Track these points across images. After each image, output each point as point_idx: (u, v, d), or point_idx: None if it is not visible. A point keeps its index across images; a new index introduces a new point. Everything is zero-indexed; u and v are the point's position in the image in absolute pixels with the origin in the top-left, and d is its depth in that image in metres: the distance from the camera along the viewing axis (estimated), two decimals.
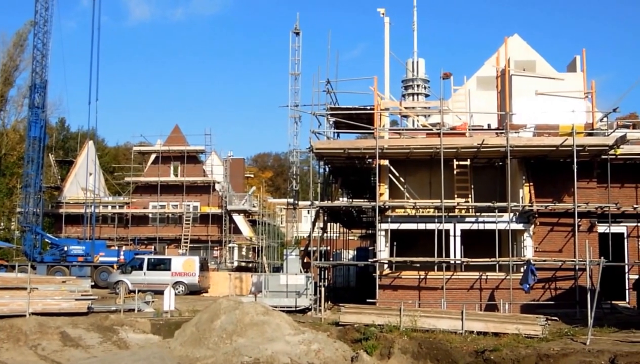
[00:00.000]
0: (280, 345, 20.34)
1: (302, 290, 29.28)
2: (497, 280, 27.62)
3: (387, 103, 32.36)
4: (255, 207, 57.99)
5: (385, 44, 32.79)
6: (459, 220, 28.76)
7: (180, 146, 56.51)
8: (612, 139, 27.19)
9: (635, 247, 29.27)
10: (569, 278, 27.60)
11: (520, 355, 19.15)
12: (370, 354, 20.92)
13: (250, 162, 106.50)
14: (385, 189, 29.83)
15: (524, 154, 28.34)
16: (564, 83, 31.38)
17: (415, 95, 63.62)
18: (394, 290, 28.18)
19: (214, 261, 52.43)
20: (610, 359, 17.89)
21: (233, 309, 21.86)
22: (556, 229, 28.32)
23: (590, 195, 28.31)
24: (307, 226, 40.81)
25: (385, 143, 28.24)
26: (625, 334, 21.24)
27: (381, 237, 28.81)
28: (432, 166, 29.34)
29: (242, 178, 70.53)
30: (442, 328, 22.27)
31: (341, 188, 39.18)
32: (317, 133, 30.79)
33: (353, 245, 50.71)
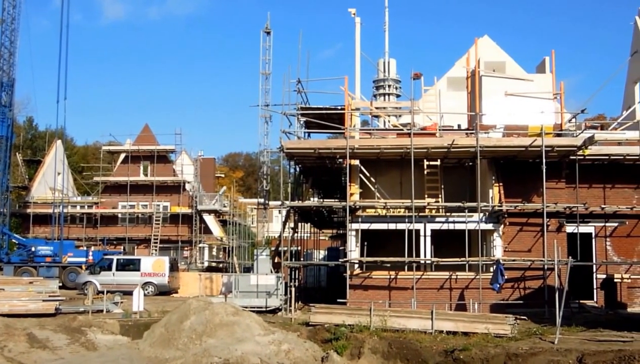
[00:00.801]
0: (250, 346, 20.19)
1: (273, 290, 29.18)
2: (467, 279, 27.75)
3: (358, 103, 32.40)
4: (225, 207, 57.76)
5: (356, 44, 32.87)
6: (429, 220, 28.86)
7: (150, 145, 56.06)
8: (581, 140, 27.47)
9: (603, 247, 29.59)
10: (537, 277, 27.82)
11: (489, 354, 19.24)
12: (341, 354, 20.84)
13: (221, 161, 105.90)
14: (356, 189, 29.83)
15: (493, 154, 28.52)
16: (533, 84, 31.65)
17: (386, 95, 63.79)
18: (364, 289, 28.19)
19: (184, 261, 52.20)
20: (577, 358, 18.03)
21: (203, 310, 21.69)
22: (525, 229, 28.54)
23: (559, 195, 28.57)
24: (278, 227, 40.69)
25: (356, 143, 28.24)
26: (593, 333, 21.44)
27: (352, 237, 28.79)
28: (402, 166, 29.42)
29: (212, 178, 70.16)
30: (412, 328, 22.30)
31: (312, 188, 39.15)
32: (287, 133, 30.74)
33: (324, 245, 50.69)
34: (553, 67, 32.07)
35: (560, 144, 27.65)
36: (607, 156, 28.84)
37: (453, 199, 29.03)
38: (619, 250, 29.48)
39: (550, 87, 31.39)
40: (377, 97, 63.76)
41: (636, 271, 28.38)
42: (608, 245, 29.64)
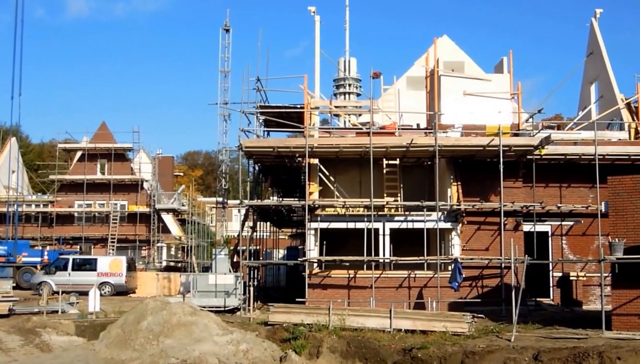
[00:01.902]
0: (208, 346, 20.08)
1: (231, 289, 28.99)
2: (426, 278, 27.88)
3: (317, 102, 32.36)
4: (184, 206, 57.27)
5: (316, 43, 32.83)
6: (388, 219, 28.94)
7: (108, 143, 55.28)
8: (537, 140, 27.77)
9: (559, 245, 29.99)
10: (495, 276, 28.06)
11: (446, 352, 19.30)
12: (299, 353, 20.76)
13: (180, 160, 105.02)
14: (316, 188, 29.78)
15: (452, 154, 28.69)
16: (491, 84, 31.94)
17: (346, 94, 63.83)
18: (323, 288, 28.16)
19: (142, 261, 51.66)
20: (533, 355, 18.19)
21: (160, 310, 21.49)
22: (483, 228, 28.78)
23: (516, 194, 28.87)
24: (238, 226, 40.45)
25: (315, 142, 28.18)
26: (549, 331, 21.68)
27: (311, 236, 28.73)
28: (362, 165, 29.45)
29: (171, 176, 69.54)
30: (370, 327, 22.31)
31: (271, 187, 39.01)
32: (246, 132, 30.55)
33: (284, 244, 50.57)
34: (511, 67, 32.42)
35: (517, 144, 27.91)
36: (563, 156, 29.21)
37: (412, 198, 29.14)
38: (575, 248, 29.90)
39: (508, 87, 31.71)
40: (338, 96, 63.81)
41: (591, 269, 28.80)
42: (564, 243, 30.04)
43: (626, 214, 20.75)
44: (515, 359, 18.19)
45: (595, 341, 18.99)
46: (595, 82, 36.37)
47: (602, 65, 34.93)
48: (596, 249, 27.47)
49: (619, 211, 20.92)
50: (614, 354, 17.41)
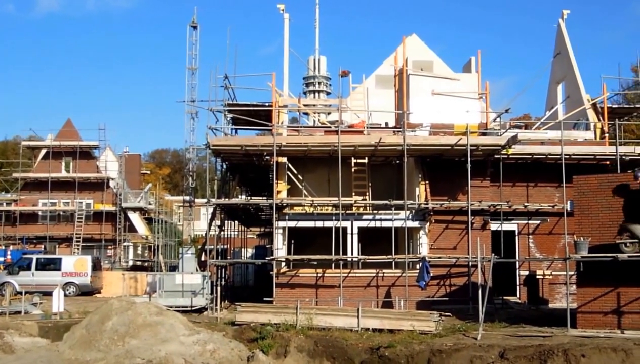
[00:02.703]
0: (175, 346, 19.86)
1: (199, 289, 28.78)
2: (394, 277, 27.91)
3: (286, 100, 32.22)
4: (151, 205, 56.71)
5: (285, 41, 32.69)
6: (357, 217, 28.90)
7: (73, 141, 54.51)
8: (505, 139, 27.91)
9: (525, 244, 30.20)
10: (462, 274, 28.18)
11: (414, 351, 19.32)
12: (267, 353, 20.64)
13: (148, 158, 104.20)
14: (284, 186, 29.65)
15: (420, 153, 28.73)
16: (459, 84, 32.02)
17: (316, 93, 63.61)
18: (291, 288, 28.04)
19: (107, 260, 51.06)
20: (499, 354, 18.27)
21: (125, 310, 21.22)
22: (451, 227, 28.89)
23: (484, 193, 29.02)
24: (205, 224, 40.17)
25: (283, 141, 28.05)
26: (515, 329, 21.79)
27: (279, 235, 28.59)
28: (330, 164, 29.36)
29: (138, 174, 68.78)
30: (338, 326, 22.24)
31: (239, 186, 38.79)
32: (214, 130, 30.33)
33: (252, 243, 50.37)
34: (479, 66, 32.58)
35: (484, 143, 28.04)
36: (530, 155, 29.41)
37: (380, 197, 29.13)
38: (541, 247, 30.13)
39: (476, 86, 31.85)
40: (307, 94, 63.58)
41: (557, 267, 29.02)
42: (531, 242, 30.25)
43: (591, 213, 20.93)
44: (482, 358, 18.26)
45: (561, 339, 19.13)
46: (562, 82, 36.67)
47: (568, 66, 35.23)
48: (562, 248, 27.71)
49: (584, 210, 21.10)
50: (578, 352, 17.57)
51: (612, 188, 20.76)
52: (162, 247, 47.45)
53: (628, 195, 20.50)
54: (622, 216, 20.28)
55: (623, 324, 20.14)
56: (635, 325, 19.92)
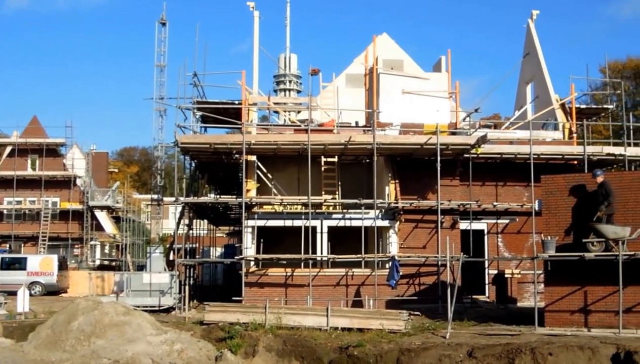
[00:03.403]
0: (142, 346, 19.74)
1: (167, 288, 28.50)
2: (363, 276, 27.87)
3: (256, 98, 32.02)
4: (119, 203, 56.10)
5: (255, 38, 32.49)
6: (326, 216, 28.82)
7: (39, 138, 53.60)
8: (474, 139, 28.01)
9: (494, 243, 30.34)
10: (432, 273, 28.25)
11: (383, 350, 19.35)
12: (235, 353, 20.58)
13: (116, 156, 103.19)
14: (253, 185, 29.47)
15: (390, 152, 28.73)
16: (429, 83, 32.08)
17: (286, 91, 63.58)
18: (260, 287, 27.89)
19: (74, 259, 50.37)
20: (468, 352, 18.35)
21: (92, 310, 21.01)
22: (420, 226, 28.95)
23: (453, 192, 29.11)
24: (174, 223, 39.89)
25: (253, 139, 27.88)
26: (484, 328, 21.89)
27: (248, 234, 28.41)
28: (300, 162, 29.24)
29: (105, 172, 67.97)
30: (307, 325, 22.16)
31: (208, 184, 38.52)
32: (182, 128, 30.03)
33: (221, 242, 50.09)
34: (449, 66, 32.68)
35: (454, 142, 28.11)
36: (500, 155, 29.55)
37: (350, 196, 29.07)
38: (510, 246, 30.31)
39: (446, 85, 31.94)
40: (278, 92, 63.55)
41: (526, 266, 29.19)
42: (499, 241, 30.41)
43: (559, 212, 21.05)
44: (450, 356, 18.33)
45: (528, 338, 19.24)
46: (531, 83, 36.93)
47: (537, 66, 35.48)
48: (530, 247, 27.92)
49: (552, 209, 21.22)
50: (545, 350, 17.71)
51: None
52: (130, 246, 47.00)
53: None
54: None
55: (590, 322, 20.29)
56: (601, 323, 20.08)
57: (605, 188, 20.04)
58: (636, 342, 17.99)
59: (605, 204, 19.90)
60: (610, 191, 19.94)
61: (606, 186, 20.07)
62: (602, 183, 20.20)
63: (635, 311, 19.92)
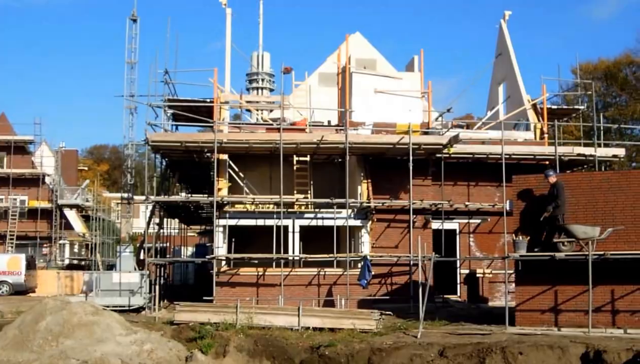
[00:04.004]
0: (111, 346, 19.42)
1: (137, 288, 28.22)
2: (335, 275, 27.81)
3: (228, 96, 31.80)
4: (89, 202, 55.50)
5: (227, 36, 32.22)
6: (298, 216, 28.69)
7: (7, 135, 52.80)
8: (446, 138, 28.08)
9: (466, 243, 30.45)
10: (404, 273, 28.25)
11: (354, 350, 19.26)
12: (206, 353, 20.35)
13: (86, 154, 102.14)
14: (225, 184, 29.27)
15: (362, 151, 28.69)
16: (402, 83, 32.10)
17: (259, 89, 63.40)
18: (231, 287, 27.70)
19: (43, 259, 49.77)
20: (439, 351, 18.34)
21: (60, 310, 20.66)
22: (393, 225, 28.95)
23: (426, 192, 29.15)
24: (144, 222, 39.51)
25: (224, 137, 27.66)
26: (455, 327, 21.92)
27: (219, 233, 28.22)
28: (272, 161, 29.10)
29: (75, 171, 67.15)
30: (278, 325, 22.04)
31: (180, 183, 38.21)
32: (153, 126, 29.74)
33: (193, 242, 49.76)
34: (422, 66, 32.73)
35: (426, 142, 28.14)
36: (472, 154, 29.69)
37: (322, 195, 28.99)
38: (482, 246, 30.44)
39: (418, 85, 31.98)
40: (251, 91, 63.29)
41: (497, 266, 29.34)
42: (471, 241, 30.53)
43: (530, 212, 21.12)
44: (421, 356, 18.31)
45: (499, 337, 19.29)
46: (503, 83, 37.13)
47: (509, 67, 35.69)
48: (502, 247, 28.02)
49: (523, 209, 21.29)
50: (516, 349, 17.77)
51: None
52: (100, 245, 46.54)
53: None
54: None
55: (560, 322, 20.40)
56: (571, 323, 20.20)
57: (557, 189, 20.13)
58: (605, 341, 18.11)
59: (552, 205, 20.02)
60: (560, 193, 20.03)
61: (557, 187, 20.16)
62: (554, 183, 20.31)
63: (604, 311, 20.08)
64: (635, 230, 19.80)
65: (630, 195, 20.08)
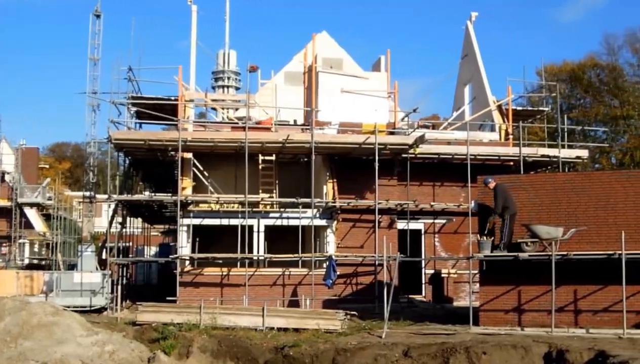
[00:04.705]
0: (71, 347, 19.08)
1: (98, 288, 27.79)
2: (300, 275, 27.68)
3: (193, 94, 31.49)
4: (50, 200, 54.65)
5: (192, 33, 31.96)
6: (263, 215, 28.51)
7: None
8: (412, 138, 28.10)
9: (431, 243, 30.51)
10: (369, 273, 28.22)
11: (319, 350, 19.21)
12: (169, 354, 20.15)
13: (47, 151, 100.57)
14: (189, 183, 28.96)
15: (328, 151, 28.59)
16: (369, 82, 32.09)
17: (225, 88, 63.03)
18: (195, 287, 27.43)
19: (1, 258, 48.97)
20: (403, 352, 18.36)
21: (19, 310, 20.27)
22: (358, 225, 28.89)
23: (391, 192, 29.14)
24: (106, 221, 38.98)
25: (189, 136, 27.37)
26: (419, 327, 21.95)
27: (183, 233, 27.91)
28: (237, 160, 28.85)
29: (36, 168, 66.16)
30: (243, 325, 21.89)
31: (143, 182, 37.74)
32: (116, 123, 29.32)
33: (156, 241, 49.25)
34: (388, 65, 32.75)
35: (392, 142, 28.15)
36: (437, 155, 29.75)
37: (288, 195, 28.82)
38: (447, 246, 30.53)
39: (384, 85, 31.99)
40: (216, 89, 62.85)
41: (462, 266, 29.44)
42: (436, 241, 30.59)
43: None
44: (386, 356, 18.31)
45: (463, 337, 19.35)
46: (469, 84, 37.33)
47: (475, 68, 35.88)
48: (467, 247, 28.14)
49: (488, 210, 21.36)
50: (480, 349, 17.84)
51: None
52: (61, 245, 45.85)
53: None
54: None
55: (523, 321, 20.53)
56: (535, 323, 20.32)
57: (495, 194, 20.24)
58: (568, 341, 18.26)
59: (492, 214, 20.18)
60: (496, 200, 20.13)
61: (495, 193, 20.26)
62: (494, 188, 20.43)
63: (567, 311, 20.26)
64: (597, 230, 19.98)
65: (593, 196, 20.27)
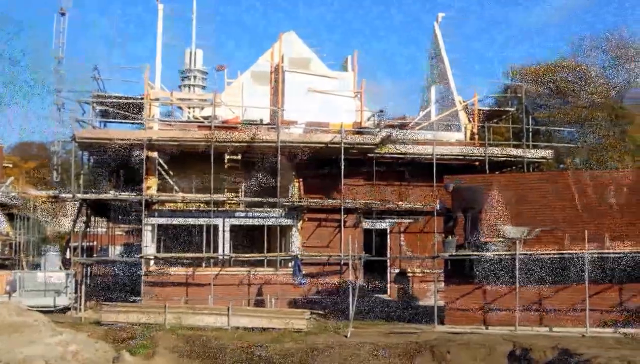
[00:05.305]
0: (35, 348, 18.93)
1: (62, 288, 27.46)
2: (266, 275, 27.60)
3: (158, 93, 31.23)
4: (13, 200, 53.79)
5: (158, 31, 31.65)
6: (229, 215, 28.38)
7: None
8: (379, 138, 28.17)
9: (397, 242, 30.60)
10: (335, 272, 28.23)
11: (285, 349, 19.24)
12: (134, 354, 19.96)
13: (11, 150, 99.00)
14: (154, 182, 28.72)
15: (294, 150, 28.52)
16: (336, 82, 32.11)
17: (191, 87, 62.58)
18: (161, 286, 27.21)
19: None
20: (370, 351, 18.42)
21: None
22: (324, 224, 28.86)
23: (358, 192, 29.16)
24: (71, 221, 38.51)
25: (154, 135, 27.18)
26: (386, 326, 22.08)
27: (148, 232, 27.69)
28: (203, 159, 28.66)
29: None
30: (209, 325, 21.84)
31: (108, 181, 37.32)
32: (81, 122, 28.98)
33: (121, 241, 48.73)
34: (355, 65, 32.81)
35: (359, 142, 28.20)
36: (404, 155, 29.82)
37: (254, 194, 28.73)
38: (413, 246, 30.57)
39: (352, 85, 32.03)
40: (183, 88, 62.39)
41: (428, 265, 29.56)
42: (402, 240, 30.66)
43: None
44: (352, 355, 18.34)
45: (429, 336, 19.49)
46: (436, 85, 37.47)
47: (442, 68, 36.04)
48: (433, 246, 28.28)
49: None
50: (445, 348, 18.03)
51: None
52: (25, 244, 45.19)
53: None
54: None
55: (488, 320, 20.74)
56: (499, 321, 20.54)
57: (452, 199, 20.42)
58: (532, 339, 18.49)
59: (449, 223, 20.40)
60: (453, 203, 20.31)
61: (452, 198, 20.44)
62: (451, 193, 20.62)
63: (531, 309, 20.48)
64: (562, 230, 20.24)
65: (557, 196, 20.52)
